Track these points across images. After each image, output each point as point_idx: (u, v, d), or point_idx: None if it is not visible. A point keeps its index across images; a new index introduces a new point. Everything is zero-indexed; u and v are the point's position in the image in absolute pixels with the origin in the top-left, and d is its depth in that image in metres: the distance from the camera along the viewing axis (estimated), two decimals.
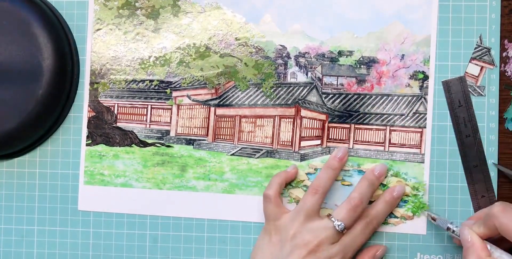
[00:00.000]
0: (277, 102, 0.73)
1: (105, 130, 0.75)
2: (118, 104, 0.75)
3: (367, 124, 0.72)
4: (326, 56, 0.72)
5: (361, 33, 0.72)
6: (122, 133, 0.75)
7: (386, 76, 0.72)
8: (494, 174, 0.70)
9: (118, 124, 0.75)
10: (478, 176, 0.70)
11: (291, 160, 0.73)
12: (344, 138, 0.72)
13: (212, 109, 0.74)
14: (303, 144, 0.73)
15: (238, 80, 0.73)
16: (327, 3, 0.72)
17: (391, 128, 0.72)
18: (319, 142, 0.72)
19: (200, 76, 0.74)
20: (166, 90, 0.74)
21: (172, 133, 0.74)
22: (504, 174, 0.70)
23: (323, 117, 0.72)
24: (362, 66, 0.72)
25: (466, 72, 0.71)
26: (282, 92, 0.73)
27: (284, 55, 0.73)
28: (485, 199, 0.70)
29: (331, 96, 0.72)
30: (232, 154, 0.74)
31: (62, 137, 0.75)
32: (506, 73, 0.70)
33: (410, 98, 0.71)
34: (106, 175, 0.74)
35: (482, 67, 0.70)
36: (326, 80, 0.72)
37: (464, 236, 0.61)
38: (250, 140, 0.74)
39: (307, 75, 0.73)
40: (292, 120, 0.73)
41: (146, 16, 0.74)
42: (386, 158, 0.71)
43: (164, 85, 0.74)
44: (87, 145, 0.75)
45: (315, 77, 0.73)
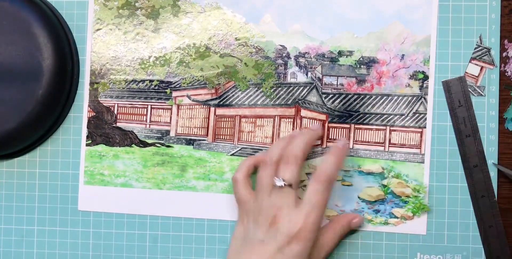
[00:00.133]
0: (277, 102, 0.73)
1: (105, 130, 0.75)
2: (118, 104, 0.75)
3: (367, 124, 0.72)
4: (326, 56, 0.72)
5: (361, 33, 0.72)
6: (122, 133, 0.75)
7: (386, 76, 0.72)
8: (494, 174, 0.70)
9: (118, 124, 0.75)
10: (478, 176, 0.70)
11: None
12: (344, 138, 0.72)
13: (212, 109, 0.74)
14: None
15: (238, 80, 0.73)
16: (327, 3, 0.72)
17: (391, 128, 0.72)
18: (319, 142, 0.72)
19: (200, 76, 0.74)
20: (166, 90, 0.74)
21: (172, 133, 0.74)
22: (504, 174, 0.70)
23: (323, 117, 0.72)
24: (362, 66, 0.72)
25: (466, 72, 0.71)
26: (282, 92, 0.73)
27: (284, 55, 0.73)
28: (485, 199, 0.70)
29: (331, 96, 0.72)
30: (232, 154, 0.74)
31: (62, 137, 0.75)
32: (506, 73, 0.70)
33: (410, 98, 0.71)
34: (106, 175, 0.74)
35: (482, 67, 0.70)
36: (326, 80, 0.72)
37: None
38: (250, 140, 0.74)
39: (307, 75, 0.73)
40: (292, 120, 0.73)
41: (146, 16, 0.74)
42: (386, 158, 0.71)
43: (164, 85, 0.74)
44: (87, 145, 0.75)
45: (315, 77, 0.73)
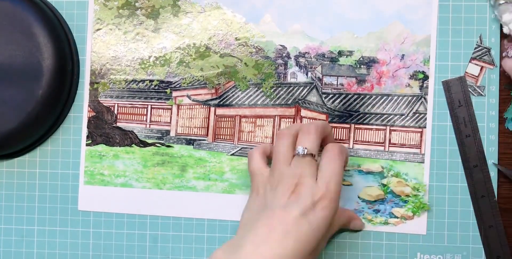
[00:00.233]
0: (277, 102, 0.73)
1: (105, 130, 0.75)
2: (118, 104, 0.75)
3: (367, 124, 0.72)
4: (326, 56, 0.72)
5: (361, 33, 0.72)
6: (122, 133, 0.75)
7: (386, 76, 0.72)
8: (494, 174, 0.70)
9: (118, 124, 0.75)
10: (478, 176, 0.70)
11: None
12: (344, 138, 0.72)
13: (212, 109, 0.74)
14: None
15: (238, 80, 0.73)
16: (327, 3, 0.72)
17: (391, 128, 0.72)
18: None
19: (200, 76, 0.74)
20: (166, 90, 0.74)
21: (172, 133, 0.74)
22: (504, 174, 0.70)
23: (323, 117, 0.72)
24: (362, 66, 0.72)
25: (466, 72, 0.71)
26: (282, 92, 0.73)
27: (284, 55, 0.73)
28: (485, 199, 0.70)
29: (331, 96, 0.72)
30: (232, 154, 0.74)
31: (62, 137, 0.75)
32: (506, 73, 0.70)
33: (410, 98, 0.71)
34: (106, 175, 0.74)
35: (482, 67, 0.70)
36: (326, 80, 0.72)
37: None
38: (250, 140, 0.74)
39: (307, 75, 0.73)
40: (292, 120, 0.73)
41: (146, 16, 0.74)
42: (386, 158, 0.71)
43: (164, 85, 0.74)
44: (87, 145, 0.75)
45: (315, 77, 0.73)
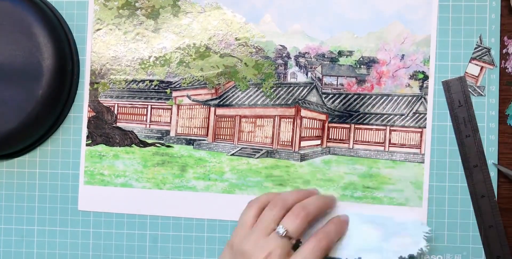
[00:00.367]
0: (277, 102, 0.73)
1: (105, 130, 0.75)
2: (118, 104, 0.75)
3: (367, 124, 0.72)
4: (326, 56, 0.72)
5: (361, 33, 0.72)
6: (122, 133, 0.75)
7: (386, 76, 0.72)
8: (494, 174, 0.70)
9: (118, 124, 0.75)
10: (478, 176, 0.70)
11: (291, 160, 0.73)
12: (344, 138, 0.72)
13: (212, 109, 0.74)
14: (303, 144, 0.73)
15: (238, 80, 0.73)
16: (327, 3, 0.72)
17: (391, 128, 0.72)
18: (319, 142, 0.72)
19: (200, 76, 0.74)
20: (166, 90, 0.74)
21: (172, 133, 0.74)
22: (504, 174, 0.70)
23: (323, 117, 0.72)
24: (362, 66, 0.72)
25: (466, 72, 0.71)
26: (282, 92, 0.73)
27: (284, 55, 0.73)
28: (485, 199, 0.70)
29: (331, 96, 0.72)
30: (232, 154, 0.74)
31: (62, 137, 0.75)
32: (506, 70, 0.70)
33: (410, 98, 0.71)
34: (106, 175, 0.74)
35: (482, 67, 0.70)
36: (326, 80, 0.72)
37: None
38: (250, 140, 0.74)
39: (307, 75, 0.73)
40: (292, 120, 0.73)
41: (146, 16, 0.74)
42: (386, 158, 0.71)
43: (164, 85, 0.74)
44: (87, 145, 0.75)
45: (315, 77, 0.73)
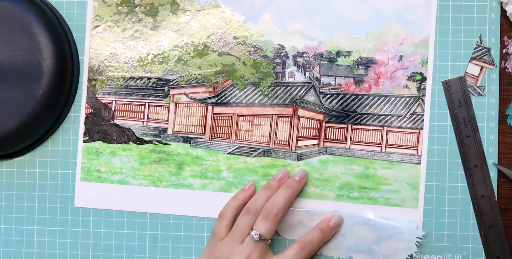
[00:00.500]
0: (274, 101, 0.73)
1: (102, 127, 0.75)
2: (115, 101, 0.75)
3: (364, 124, 0.72)
4: (324, 56, 0.72)
5: (359, 34, 0.72)
6: (119, 130, 0.75)
7: (384, 77, 0.71)
8: (494, 174, 0.70)
9: (116, 121, 0.75)
10: (478, 176, 0.70)
11: (287, 160, 0.73)
12: (341, 138, 0.72)
13: (210, 107, 0.74)
14: (300, 143, 0.73)
15: (236, 78, 0.73)
16: (326, 2, 0.72)
17: (388, 129, 0.72)
18: (316, 142, 0.72)
19: (198, 74, 0.74)
20: (164, 87, 0.74)
21: (169, 131, 0.74)
22: (504, 174, 0.70)
23: (321, 117, 0.72)
24: (360, 66, 0.72)
25: (466, 72, 0.71)
26: (280, 92, 0.73)
27: (282, 54, 0.72)
28: (485, 199, 0.70)
29: (328, 96, 0.72)
30: (229, 153, 0.73)
31: (62, 137, 0.75)
32: (506, 70, 0.70)
33: (407, 99, 0.71)
34: (103, 172, 0.74)
35: (482, 67, 0.70)
36: (324, 80, 0.72)
37: None
38: (247, 139, 0.73)
39: (305, 74, 0.73)
40: (289, 119, 0.73)
41: (145, 13, 0.74)
42: (383, 159, 0.71)
43: (162, 82, 0.74)
44: (84, 141, 0.75)
45: (313, 77, 0.72)
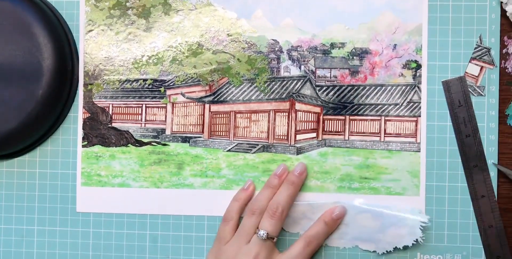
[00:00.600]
0: (271, 96, 0.73)
1: (100, 131, 0.75)
2: (112, 104, 0.75)
3: (361, 115, 0.72)
4: (318, 49, 0.72)
5: (352, 25, 0.72)
6: (117, 133, 0.75)
7: (379, 67, 0.72)
8: (494, 174, 0.70)
9: (114, 125, 0.75)
10: (478, 176, 0.70)
11: (287, 154, 0.72)
12: (339, 130, 0.72)
13: (207, 106, 0.74)
14: (299, 137, 0.72)
15: (232, 76, 0.73)
16: None
17: (386, 118, 0.71)
18: (314, 135, 0.72)
19: (194, 74, 0.74)
20: (160, 88, 0.74)
21: (168, 132, 0.74)
22: (504, 174, 0.70)
23: (318, 109, 0.72)
24: (354, 57, 0.72)
25: (466, 72, 0.71)
26: (276, 86, 0.73)
27: (276, 49, 0.73)
28: (485, 199, 0.70)
29: (325, 88, 0.72)
30: (229, 150, 0.73)
31: (62, 137, 0.75)
32: (506, 70, 0.70)
33: (403, 87, 0.71)
34: (103, 175, 0.74)
35: (482, 67, 0.70)
36: (319, 72, 0.72)
37: None
38: (245, 136, 0.73)
39: (300, 68, 0.73)
40: (287, 114, 0.73)
41: (137, 15, 0.74)
42: (382, 148, 0.71)
43: (158, 83, 0.74)
44: (83, 146, 0.74)
45: (308, 70, 0.72)
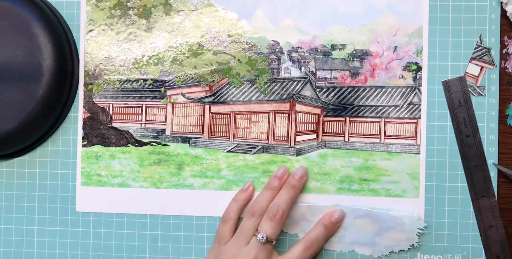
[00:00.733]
0: (271, 97, 0.73)
1: (100, 131, 0.75)
2: (112, 104, 0.75)
3: (362, 116, 0.72)
4: (319, 50, 0.72)
5: (353, 26, 0.72)
6: (117, 133, 0.75)
7: (380, 68, 0.72)
8: (494, 174, 0.70)
9: (114, 124, 0.75)
10: (478, 176, 0.70)
11: (287, 155, 0.72)
12: (339, 132, 0.72)
13: (207, 106, 0.74)
14: (299, 138, 0.72)
15: (232, 76, 0.73)
16: None
17: (386, 120, 0.71)
18: (314, 136, 0.72)
19: (194, 74, 0.74)
20: (160, 89, 0.74)
21: (168, 132, 0.74)
22: (504, 174, 0.70)
23: (318, 111, 0.72)
24: (355, 59, 0.72)
25: (466, 72, 0.71)
26: (276, 88, 0.73)
27: (277, 50, 0.73)
28: (485, 199, 0.70)
29: (325, 90, 0.72)
30: (228, 151, 0.73)
31: (62, 137, 0.75)
32: (506, 70, 0.70)
33: (404, 89, 0.71)
34: (103, 175, 0.74)
35: (482, 67, 0.70)
36: (319, 74, 0.72)
37: None
38: (245, 136, 0.73)
39: (300, 69, 0.73)
40: (287, 115, 0.73)
41: (138, 15, 0.74)
42: (382, 150, 0.71)
43: (158, 84, 0.74)
44: (83, 146, 0.75)
45: (309, 71, 0.72)
